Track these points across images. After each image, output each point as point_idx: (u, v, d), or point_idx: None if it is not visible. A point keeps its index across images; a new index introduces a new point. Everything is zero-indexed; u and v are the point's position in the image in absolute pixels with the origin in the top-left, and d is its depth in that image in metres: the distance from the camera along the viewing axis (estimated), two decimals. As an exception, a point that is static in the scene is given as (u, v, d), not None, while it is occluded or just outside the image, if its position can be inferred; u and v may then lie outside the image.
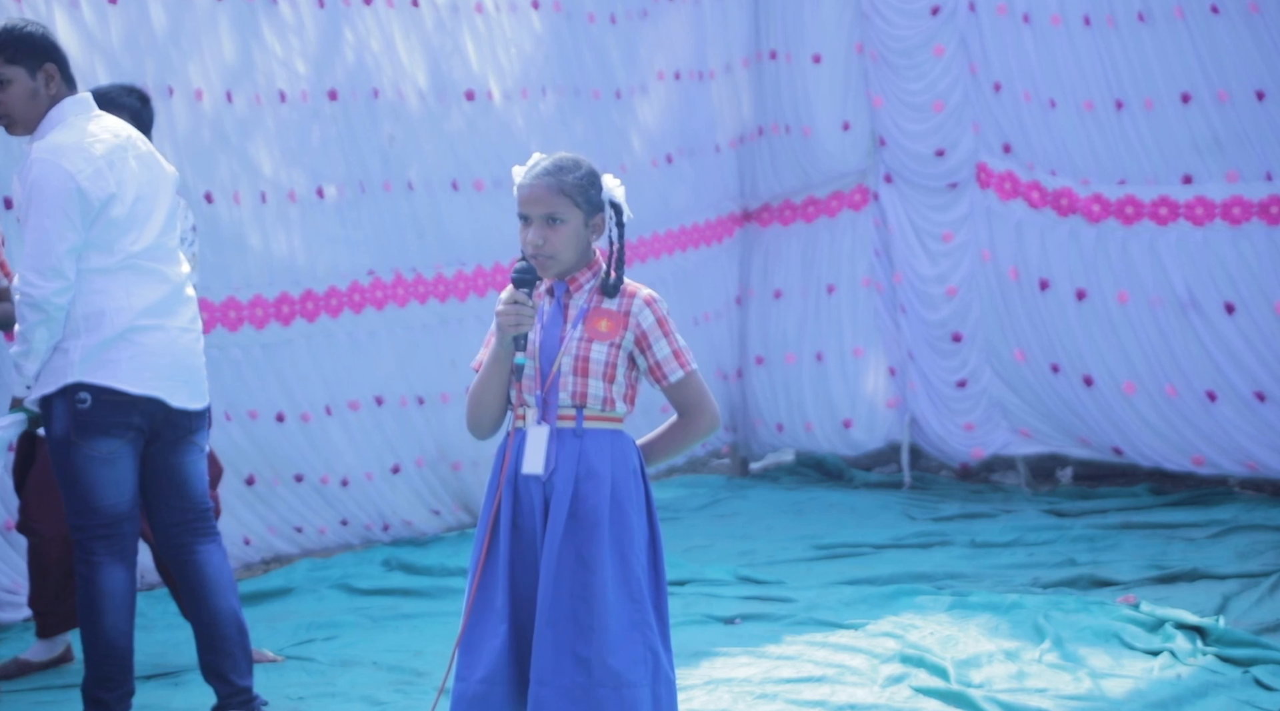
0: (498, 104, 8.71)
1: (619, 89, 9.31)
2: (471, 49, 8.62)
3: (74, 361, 5.40)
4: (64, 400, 5.41)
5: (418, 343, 8.48)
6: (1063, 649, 6.36)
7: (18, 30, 5.46)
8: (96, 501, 5.46)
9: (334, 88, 8.14)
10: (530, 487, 4.37)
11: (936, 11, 9.33)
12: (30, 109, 5.48)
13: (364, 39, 8.22)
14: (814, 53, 9.70)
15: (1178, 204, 8.83)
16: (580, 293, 4.42)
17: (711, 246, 9.88)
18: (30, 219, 5.37)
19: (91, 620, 5.51)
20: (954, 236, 9.46)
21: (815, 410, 9.85)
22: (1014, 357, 9.32)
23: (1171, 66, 8.75)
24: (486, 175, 8.67)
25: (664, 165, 9.56)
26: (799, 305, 9.91)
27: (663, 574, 4.45)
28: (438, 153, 8.51)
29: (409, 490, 8.48)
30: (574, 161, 4.41)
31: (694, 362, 4.45)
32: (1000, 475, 9.71)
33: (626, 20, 9.33)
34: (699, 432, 4.50)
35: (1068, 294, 9.13)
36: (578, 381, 4.36)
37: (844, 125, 9.71)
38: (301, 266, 8.07)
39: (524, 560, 4.37)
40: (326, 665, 6.55)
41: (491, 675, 4.34)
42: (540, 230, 4.35)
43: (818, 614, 6.95)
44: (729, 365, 10.03)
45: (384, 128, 8.28)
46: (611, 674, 4.31)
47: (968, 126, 9.36)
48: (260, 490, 7.98)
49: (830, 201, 9.83)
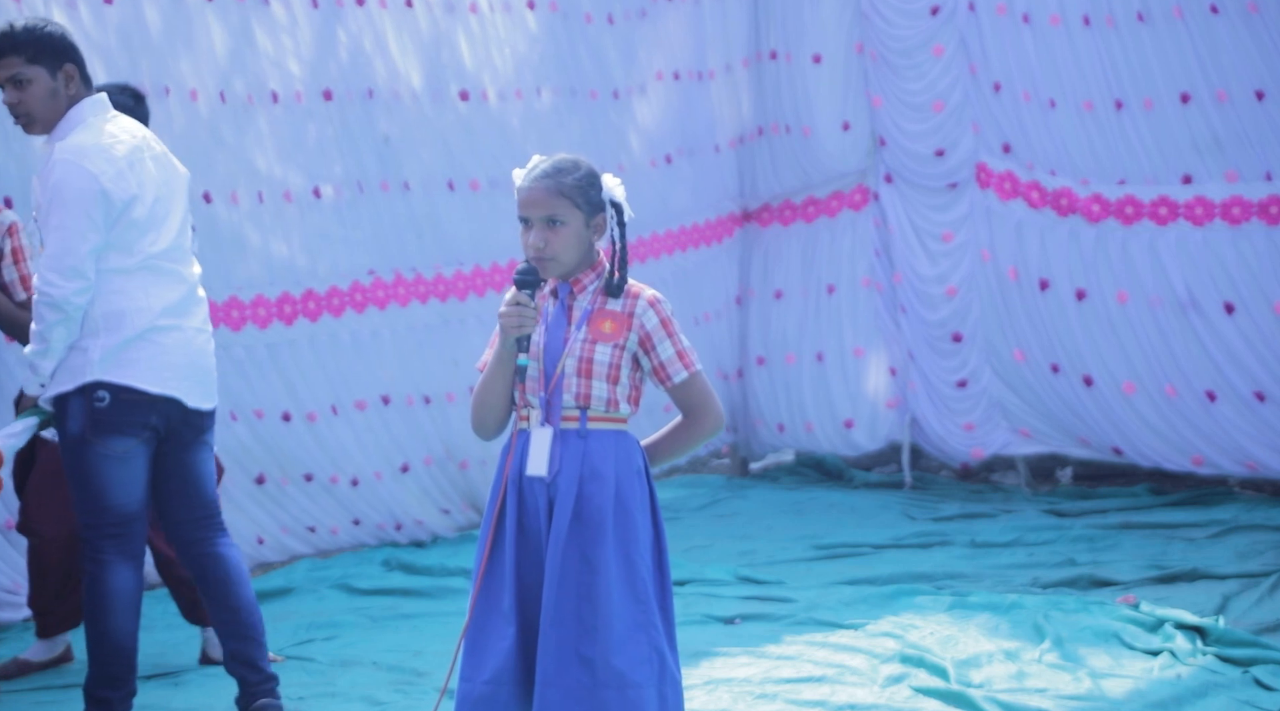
0: (493, 104, 8.71)
1: (617, 89, 9.30)
2: (466, 49, 8.61)
3: (93, 361, 5.43)
4: (81, 398, 5.44)
5: (421, 342, 8.49)
6: (1063, 649, 6.36)
7: (39, 30, 5.50)
8: (109, 500, 5.48)
9: (329, 87, 8.13)
10: (534, 489, 4.36)
11: (936, 11, 9.33)
12: (50, 109, 5.50)
13: (357, 39, 8.21)
14: (814, 53, 9.70)
15: (1177, 204, 8.83)
16: (584, 294, 4.42)
17: (711, 246, 9.88)
18: (51, 219, 5.39)
19: (98, 619, 5.52)
20: (954, 236, 9.46)
21: (816, 410, 9.84)
22: (1014, 358, 9.32)
23: (1171, 66, 8.75)
24: (482, 175, 8.66)
25: (663, 165, 9.56)
26: (799, 305, 9.91)
27: (668, 574, 4.45)
28: (434, 152, 8.50)
29: (419, 489, 8.49)
30: (573, 162, 4.40)
31: (699, 363, 4.45)
32: (1000, 475, 9.71)
33: (625, 20, 9.33)
34: (703, 433, 4.50)
35: (1068, 294, 9.13)
36: (581, 382, 4.36)
37: (844, 125, 9.71)
38: (302, 266, 8.07)
39: (529, 561, 4.37)
40: (326, 665, 6.55)
41: (498, 676, 4.35)
42: (541, 232, 4.35)
43: (818, 614, 6.95)
44: (729, 365, 10.03)
45: (380, 127, 8.28)
46: (616, 674, 4.31)
47: (967, 126, 9.35)
48: (270, 490, 7.99)
49: (830, 201, 9.83)
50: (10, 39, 5.48)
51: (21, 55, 5.46)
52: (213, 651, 6.54)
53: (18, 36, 5.47)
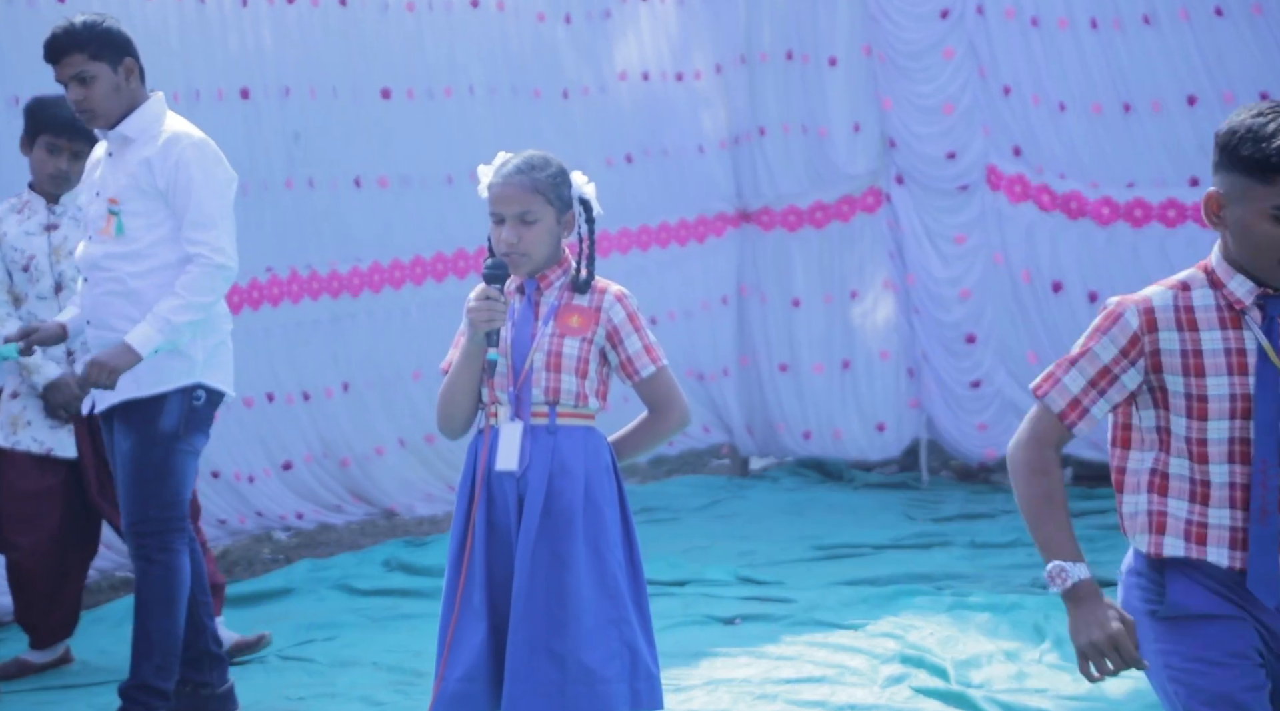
0: (436, 100, 8.65)
1: (566, 88, 9.22)
2: (420, 48, 8.58)
3: (198, 361, 5.54)
4: (181, 397, 5.54)
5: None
6: (1063, 649, 6.35)
7: (99, 26, 5.53)
8: (183, 494, 5.60)
9: (245, 86, 8.03)
10: (504, 484, 4.39)
11: (946, 15, 9.33)
12: (112, 103, 5.53)
13: (293, 38, 8.14)
14: (818, 54, 9.68)
15: (1185, 206, 8.83)
16: (551, 290, 4.46)
17: (686, 246, 9.78)
18: (196, 192, 5.43)
19: (171, 610, 5.59)
20: (967, 239, 9.47)
21: (844, 415, 9.79)
22: (1027, 360, 9.34)
23: (1177, 69, 8.75)
24: (457, 170, 8.60)
25: (621, 165, 9.45)
26: (822, 309, 9.85)
27: (640, 570, 4.48)
28: (344, 150, 8.40)
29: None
30: (544, 159, 4.45)
31: (664, 358, 4.49)
32: (1000, 475, 9.71)
33: (586, 21, 9.26)
34: (669, 428, 4.53)
35: (1080, 296, 9.14)
36: (550, 377, 4.39)
37: (854, 127, 9.70)
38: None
39: (500, 557, 4.40)
40: (326, 665, 6.55)
41: (471, 672, 4.37)
42: (515, 229, 4.38)
43: (818, 614, 6.95)
44: (709, 365, 9.91)
45: (291, 124, 8.19)
46: (584, 670, 4.33)
47: (978, 129, 9.36)
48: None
49: (840, 205, 9.81)
50: (72, 37, 5.50)
51: (85, 52, 5.49)
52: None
53: (79, 34, 5.50)
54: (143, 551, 5.59)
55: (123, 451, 5.58)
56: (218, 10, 7.90)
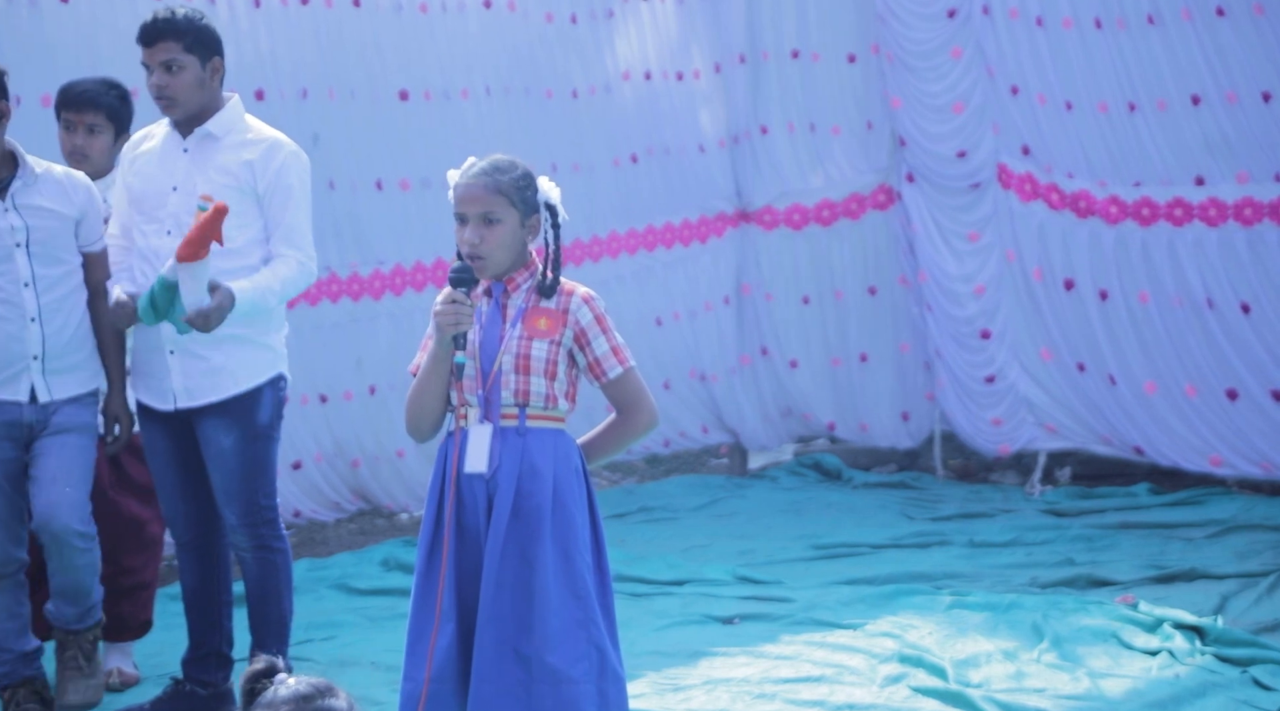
0: (453, 102, 8.65)
1: (575, 89, 9.22)
2: (435, 49, 8.57)
3: (281, 353, 5.73)
4: (272, 389, 5.69)
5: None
6: (1061, 648, 6.36)
7: (197, 21, 5.60)
8: (276, 481, 5.76)
9: (260, 87, 8.02)
10: (474, 486, 4.41)
11: (953, 14, 9.34)
12: (194, 97, 5.60)
13: (306, 40, 8.14)
14: (825, 52, 9.69)
15: (1192, 205, 8.83)
16: (518, 293, 4.48)
17: (690, 246, 9.76)
18: (293, 203, 5.59)
19: (284, 596, 5.77)
20: (980, 236, 9.49)
21: (873, 408, 9.83)
22: (1041, 356, 9.37)
23: (1181, 68, 8.74)
24: (414, 175, 8.59)
25: (628, 164, 9.45)
26: (833, 306, 9.87)
27: (608, 573, 4.50)
28: (365, 152, 8.41)
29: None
30: (510, 162, 4.47)
31: (632, 360, 4.51)
32: (1000, 475, 9.72)
33: (590, 21, 9.25)
34: (638, 429, 4.56)
35: (1091, 294, 9.15)
36: (520, 379, 4.41)
37: (868, 125, 9.71)
38: None
39: (468, 559, 4.41)
40: (325, 665, 6.55)
41: (439, 673, 4.40)
42: (477, 229, 4.41)
43: (816, 614, 6.95)
44: (712, 365, 9.90)
45: (311, 126, 8.18)
46: (550, 671, 4.35)
47: (988, 128, 9.37)
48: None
49: (849, 202, 9.82)
50: (172, 25, 5.56)
51: (180, 42, 5.55)
52: None
53: (179, 24, 5.56)
54: (262, 540, 5.71)
55: (224, 448, 5.63)
56: (229, 11, 7.89)
